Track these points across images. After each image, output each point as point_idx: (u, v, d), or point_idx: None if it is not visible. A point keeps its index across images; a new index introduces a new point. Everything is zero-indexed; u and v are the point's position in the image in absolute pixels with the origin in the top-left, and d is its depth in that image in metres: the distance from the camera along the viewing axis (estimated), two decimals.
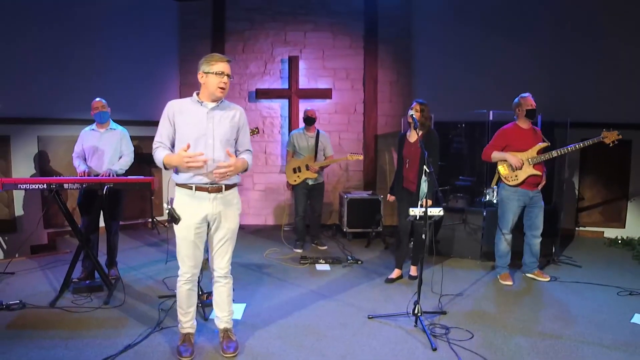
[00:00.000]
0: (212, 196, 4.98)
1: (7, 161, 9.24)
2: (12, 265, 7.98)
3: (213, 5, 11.61)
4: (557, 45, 10.40)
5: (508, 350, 5.42)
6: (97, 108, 7.55)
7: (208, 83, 4.92)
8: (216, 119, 4.98)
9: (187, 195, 4.99)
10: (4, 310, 6.28)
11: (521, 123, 7.54)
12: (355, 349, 5.47)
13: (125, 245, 9.28)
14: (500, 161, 7.55)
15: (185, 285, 5.18)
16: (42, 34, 9.44)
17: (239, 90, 11.71)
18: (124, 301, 6.66)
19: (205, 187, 4.95)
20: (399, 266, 7.96)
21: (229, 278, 5.38)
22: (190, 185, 4.95)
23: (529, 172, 7.35)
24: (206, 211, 4.99)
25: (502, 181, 7.56)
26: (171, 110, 4.99)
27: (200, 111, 4.96)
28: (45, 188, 6.63)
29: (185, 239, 5.03)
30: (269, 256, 9.22)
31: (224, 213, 5.08)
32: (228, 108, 5.11)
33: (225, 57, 4.98)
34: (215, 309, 5.49)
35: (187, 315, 5.30)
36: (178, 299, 5.28)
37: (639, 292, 7.15)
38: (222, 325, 5.46)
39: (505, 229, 7.64)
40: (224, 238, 5.16)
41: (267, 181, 11.92)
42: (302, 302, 6.88)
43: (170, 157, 4.86)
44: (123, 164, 7.62)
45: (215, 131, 4.95)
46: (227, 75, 4.92)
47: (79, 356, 5.14)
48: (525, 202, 7.55)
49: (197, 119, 4.93)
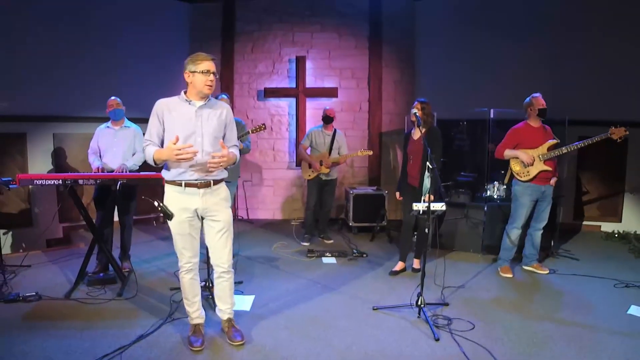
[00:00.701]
0: (202, 191, 5.01)
1: (24, 158, 9.28)
2: (29, 259, 8.04)
3: (223, 7, 11.62)
4: (555, 46, 10.36)
5: (508, 340, 5.42)
6: (112, 106, 7.58)
7: (195, 82, 4.93)
8: (204, 116, 5.00)
9: (177, 191, 5.02)
10: (21, 302, 6.30)
11: (532, 122, 7.53)
12: (361, 339, 5.48)
13: (138, 239, 9.26)
14: (512, 158, 7.56)
15: (187, 275, 5.25)
16: (59, 34, 9.48)
17: (248, 89, 11.72)
18: (136, 293, 6.68)
19: (194, 183, 4.98)
20: (402, 259, 7.98)
21: (231, 272, 5.40)
22: (179, 182, 4.98)
23: (540, 168, 7.36)
24: (196, 205, 5.02)
25: (515, 177, 7.56)
26: (160, 109, 5.02)
27: (189, 109, 4.98)
28: (61, 184, 6.60)
29: (180, 233, 5.09)
30: (277, 249, 9.21)
31: (214, 207, 5.10)
32: (215, 106, 5.13)
33: (210, 56, 4.98)
34: (217, 302, 5.51)
35: (193, 305, 5.35)
36: (182, 290, 5.34)
37: (635, 285, 7.14)
38: (225, 317, 5.50)
39: (516, 223, 7.62)
40: (221, 230, 5.17)
41: (276, 177, 11.93)
42: (309, 294, 6.89)
43: (160, 152, 4.88)
44: (136, 161, 7.61)
45: (204, 128, 4.98)
46: (212, 73, 4.91)
47: (93, 346, 5.15)
48: (537, 197, 7.55)
49: (186, 117, 4.96)
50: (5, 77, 8.96)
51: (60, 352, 5.03)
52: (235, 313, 5.66)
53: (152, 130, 5.03)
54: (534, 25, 10.46)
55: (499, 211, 8.79)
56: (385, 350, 5.23)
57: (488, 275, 7.77)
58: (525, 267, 7.94)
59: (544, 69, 10.44)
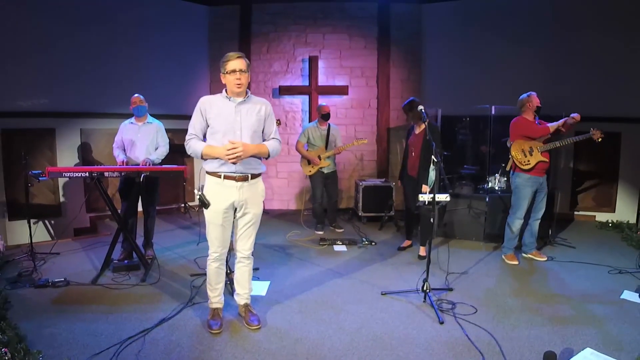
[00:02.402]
0: (239, 184, 5.00)
1: (53, 152, 9.29)
2: (58, 247, 8.09)
3: (240, 10, 11.59)
4: (554, 46, 10.30)
5: (508, 323, 5.41)
6: (135, 103, 7.57)
7: (227, 82, 4.96)
8: (243, 112, 4.98)
9: (216, 183, 5.02)
10: (50, 287, 6.33)
11: (527, 115, 7.53)
12: (370, 322, 5.47)
13: (160, 228, 9.30)
14: (515, 147, 7.53)
15: (214, 263, 5.24)
16: (87, 36, 9.49)
17: (264, 87, 11.69)
18: (159, 279, 6.69)
19: (232, 176, 4.97)
20: (409, 237, 8.42)
21: (251, 259, 5.45)
22: (219, 174, 4.98)
23: (538, 158, 7.36)
24: (233, 198, 5.01)
25: (517, 165, 7.52)
26: (203, 105, 5.02)
27: (229, 106, 4.97)
28: (88, 176, 6.61)
29: (213, 223, 5.07)
30: (291, 238, 9.21)
31: (250, 200, 5.10)
32: (254, 102, 5.10)
33: (237, 54, 4.94)
34: (236, 286, 5.55)
35: (215, 291, 5.36)
36: (207, 276, 5.34)
37: (627, 271, 7.13)
38: (242, 302, 5.53)
39: (518, 214, 7.60)
40: (249, 222, 5.19)
41: (290, 170, 11.91)
42: (321, 280, 6.88)
43: (212, 149, 4.91)
44: (159, 154, 7.61)
45: (242, 124, 4.96)
46: (239, 70, 4.86)
47: (118, 329, 5.16)
48: (536, 188, 7.55)
49: (226, 113, 4.96)
50: (40, 77, 9.01)
51: (87, 334, 5.04)
52: (252, 298, 5.67)
53: (195, 126, 5.06)
54: (533, 27, 10.44)
55: (500, 202, 8.76)
56: (393, 332, 5.21)
57: (489, 262, 7.75)
58: (525, 255, 7.91)
59: (542, 68, 10.41)
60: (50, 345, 4.77)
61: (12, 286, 6.31)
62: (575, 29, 10.10)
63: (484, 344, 4.93)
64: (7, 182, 8.67)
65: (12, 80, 8.62)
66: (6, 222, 8.71)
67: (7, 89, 8.59)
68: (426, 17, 11.56)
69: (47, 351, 4.56)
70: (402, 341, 5.02)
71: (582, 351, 4.74)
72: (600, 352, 4.71)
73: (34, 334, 4.96)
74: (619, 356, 4.63)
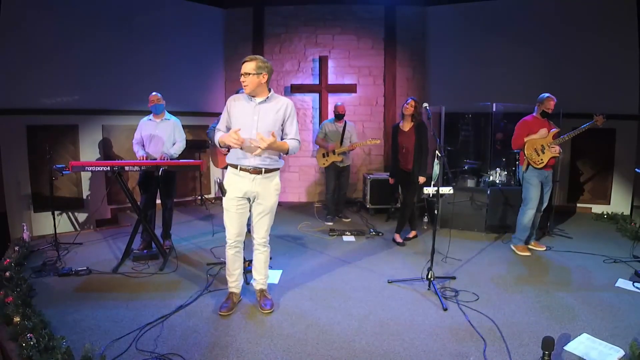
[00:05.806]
0: (252, 177, 5.08)
1: (76, 147, 9.33)
2: (80, 237, 8.14)
3: (254, 13, 11.59)
4: (552, 47, 10.28)
5: (509, 309, 5.42)
6: (153, 101, 7.55)
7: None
8: (261, 112, 5.05)
9: (234, 173, 5.16)
10: (73, 276, 6.37)
11: (537, 114, 7.55)
12: (377, 308, 5.47)
13: (178, 220, 9.28)
14: (528, 147, 7.51)
15: (230, 250, 5.32)
16: (108, 36, 9.53)
17: (276, 86, 11.65)
18: (176, 268, 6.70)
19: (247, 169, 5.06)
20: (413, 228, 8.52)
21: (267, 247, 5.49)
22: (236, 165, 5.11)
23: (550, 155, 7.36)
24: (246, 188, 5.10)
25: (531, 164, 7.50)
26: (229, 103, 5.20)
27: (250, 105, 5.07)
28: (109, 170, 6.66)
29: (228, 209, 5.21)
30: (303, 229, 9.20)
31: (262, 192, 5.15)
32: (275, 102, 5.14)
33: (247, 58, 5.04)
34: (253, 273, 5.61)
35: (232, 276, 5.45)
36: (226, 261, 5.42)
37: (622, 260, 7.14)
38: (258, 287, 5.60)
39: (530, 205, 7.55)
40: (262, 213, 5.24)
41: (301, 164, 11.91)
42: (330, 268, 6.88)
43: (223, 137, 5.01)
44: (177, 149, 7.60)
45: (259, 122, 5.02)
46: (243, 74, 4.97)
47: (138, 315, 5.17)
48: (543, 180, 7.55)
49: (246, 112, 5.06)
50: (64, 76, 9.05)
51: (109, 320, 5.05)
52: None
53: (222, 120, 5.25)
54: (533, 28, 10.43)
55: (500, 195, 8.74)
56: (399, 319, 5.21)
57: (491, 252, 7.73)
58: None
59: (542, 67, 10.39)
60: (73, 330, 4.80)
61: (37, 275, 6.34)
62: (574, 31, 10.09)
63: (486, 329, 4.92)
64: (33, 176, 8.72)
65: (37, 79, 8.67)
66: (32, 214, 8.78)
67: (33, 88, 8.64)
68: (431, 19, 11.56)
69: (70, 336, 4.58)
70: (408, 327, 5.01)
71: (579, 336, 4.74)
72: (596, 337, 4.71)
73: (57, 320, 4.99)
74: (613, 341, 4.62)
